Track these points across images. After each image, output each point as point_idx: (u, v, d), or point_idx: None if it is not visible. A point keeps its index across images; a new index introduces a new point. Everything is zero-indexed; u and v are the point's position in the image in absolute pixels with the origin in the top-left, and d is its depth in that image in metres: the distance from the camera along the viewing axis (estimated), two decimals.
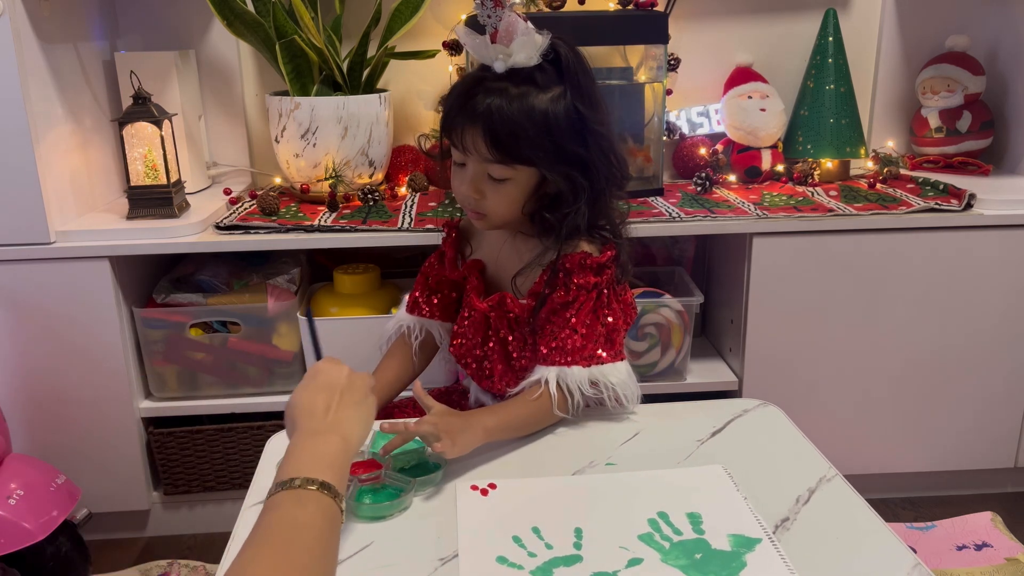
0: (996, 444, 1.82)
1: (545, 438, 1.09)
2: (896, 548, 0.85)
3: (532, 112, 1.05)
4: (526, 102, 1.05)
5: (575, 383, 1.08)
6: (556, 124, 1.06)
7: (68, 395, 1.65)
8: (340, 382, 0.87)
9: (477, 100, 1.06)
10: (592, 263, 1.10)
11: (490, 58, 1.07)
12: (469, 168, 1.11)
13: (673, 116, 2.02)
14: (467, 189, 1.11)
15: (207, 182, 1.95)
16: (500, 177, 1.09)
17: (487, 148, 1.07)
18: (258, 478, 1.02)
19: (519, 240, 1.17)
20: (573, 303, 1.10)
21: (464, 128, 1.08)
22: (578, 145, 1.08)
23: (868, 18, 2.03)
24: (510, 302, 1.15)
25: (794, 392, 1.76)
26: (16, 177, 1.51)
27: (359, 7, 1.90)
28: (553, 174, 1.08)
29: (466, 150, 1.09)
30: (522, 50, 1.06)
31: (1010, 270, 1.71)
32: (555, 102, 1.07)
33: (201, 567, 1.67)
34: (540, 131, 1.06)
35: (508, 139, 1.05)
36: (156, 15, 1.90)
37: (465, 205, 1.15)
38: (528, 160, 1.08)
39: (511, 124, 1.05)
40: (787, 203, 1.74)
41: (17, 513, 1.40)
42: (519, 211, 1.13)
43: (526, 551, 0.85)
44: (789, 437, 1.10)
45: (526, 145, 1.06)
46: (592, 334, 1.11)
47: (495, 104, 1.05)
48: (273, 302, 1.69)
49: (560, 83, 1.08)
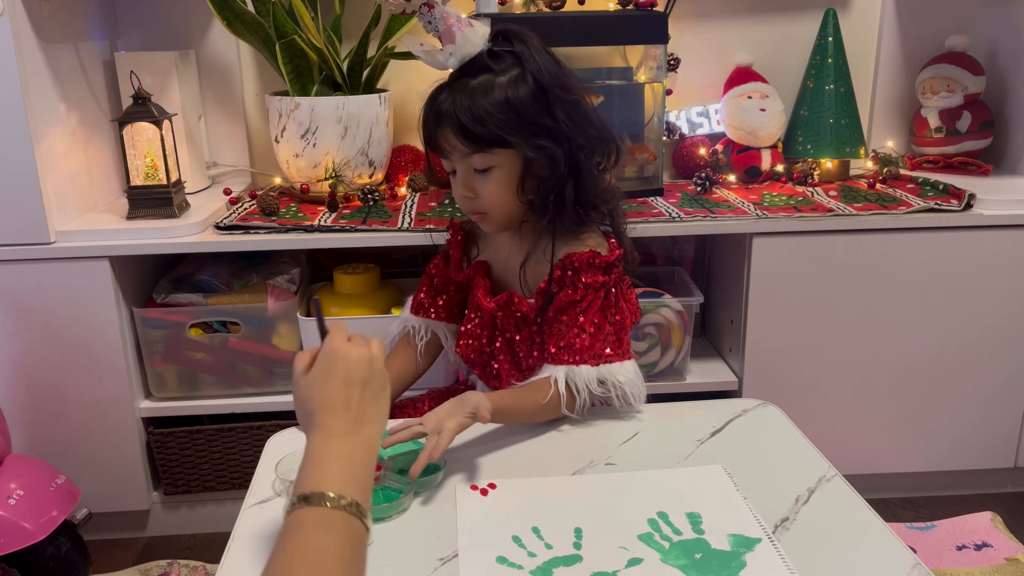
0: (996, 444, 1.82)
1: (545, 438, 1.09)
2: (896, 548, 0.85)
3: (492, 94, 1.08)
4: (485, 88, 1.08)
5: (583, 382, 1.09)
6: (519, 101, 1.08)
7: (68, 395, 1.65)
8: (361, 371, 0.77)
9: (442, 101, 1.10)
10: (600, 262, 1.11)
11: (440, 61, 1.11)
12: (457, 170, 1.14)
13: (673, 116, 2.02)
14: (460, 190, 1.14)
15: (207, 182, 1.95)
16: (482, 167, 1.11)
17: (460, 140, 1.09)
18: (258, 478, 1.02)
19: (524, 233, 1.19)
20: (581, 302, 1.11)
21: (438, 132, 1.11)
22: (547, 118, 1.09)
23: (868, 18, 2.03)
24: (518, 301, 1.15)
25: (794, 392, 1.76)
26: (16, 177, 1.51)
27: (359, 7, 1.90)
28: (529, 149, 1.09)
29: (446, 153, 1.12)
30: (466, 41, 1.08)
31: (1010, 270, 1.71)
32: (514, 82, 1.09)
33: (201, 567, 1.67)
34: (503, 110, 1.08)
35: (475, 126, 1.07)
36: (156, 15, 1.90)
37: (466, 210, 1.17)
38: (501, 141, 1.09)
39: (475, 111, 1.07)
40: (787, 203, 1.74)
41: (17, 513, 1.40)
42: (514, 200, 1.13)
43: (526, 551, 0.85)
44: (789, 437, 1.10)
45: (494, 126, 1.08)
46: (600, 333, 1.11)
47: (457, 98, 1.08)
48: (273, 302, 1.69)
49: (517, 64, 1.09)
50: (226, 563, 0.87)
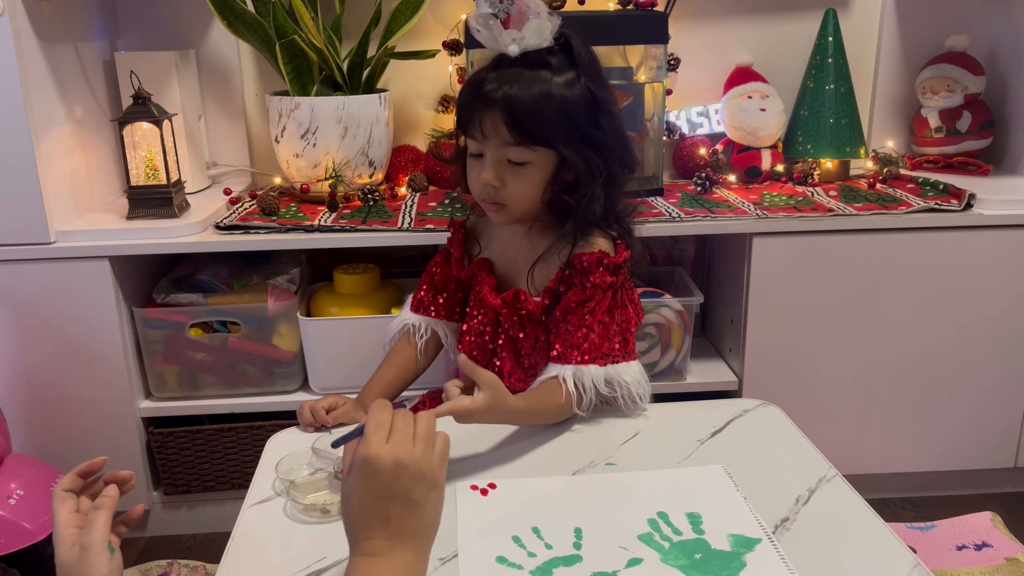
0: (996, 444, 1.82)
1: (545, 438, 1.09)
2: (896, 548, 0.85)
3: (550, 93, 1.06)
4: (543, 84, 1.06)
5: (590, 381, 1.09)
6: (573, 106, 1.07)
7: (68, 395, 1.65)
8: (401, 482, 0.69)
9: (493, 86, 1.06)
10: (609, 263, 1.11)
11: (504, 43, 1.08)
12: (488, 156, 1.10)
13: (673, 116, 2.02)
14: (487, 177, 1.10)
15: (207, 182, 1.95)
16: (520, 160, 1.09)
17: (508, 131, 1.07)
18: (258, 478, 1.02)
19: (535, 232, 1.17)
20: (589, 301, 1.11)
21: (483, 115, 1.08)
22: (594, 127, 1.09)
23: (868, 18, 2.03)
24: (524, 298, 1.15)
25: (794, 392, 1.75)
26: (16, 177, 1.51)
27: (359, 7, 1.90)
28: (572, 155, 1.08)
29: (485, 137, 1.09)
30: (535, 32, 1.06)
31: (1010, 270, 1.71)
32: (570, 85, 1.08)
33: (201, 567, 1.67)
34: (559, 112, 1.07)
35: (528, 120, 1.06)
36: (156, 15, 1.90)
37: (483, 197, 1.14)
38: (548, 141, 1.08)
39: (530, 105, 1.05)
40: (787, 203, 1.74)
41: (17, 513, 1.40)
42: (538, 198, 1.13)
43: (526, 551, 0.85)
44: (789, 437, 1.10)
45: (546, 126, 1.06)
46: (607, 333, 1.11)
47: (513, 87, 1.06)
48: (273, 302, 1.69)
49: (572, 68, 1.09)
50: (226, 563, 0.87)
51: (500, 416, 1.02)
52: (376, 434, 0.71)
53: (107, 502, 0.81)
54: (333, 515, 0.93)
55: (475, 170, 1.13)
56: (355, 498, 0.70)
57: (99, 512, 0.79)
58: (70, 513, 0.82)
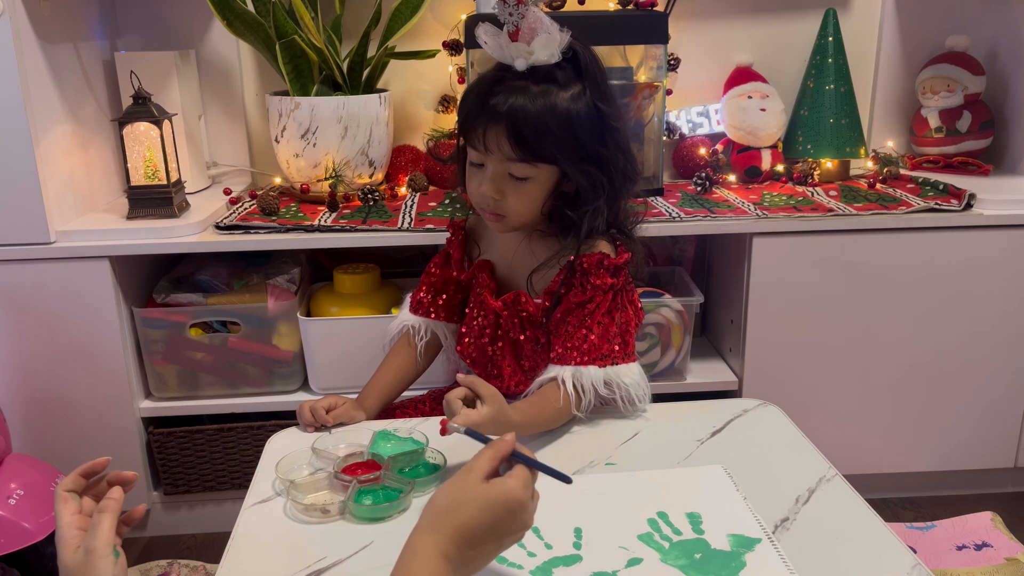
0: (996, 444, 1.82)
1: (545, 438, 1.09)
2: (896, 548, 0.85)
3: (555, 110, 1.05)
4: (548, 100, 1.05)
5: (590, 383, 1.09)
6: (578, 122, 1.07)
7: (68, 395, 1.65)
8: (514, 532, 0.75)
9: (498, 99, 1.05)
10: (610, 264, 1.11)
11: (511, 57, 1.07)
12: (489, 168, 1.10)
13: (673, 116, 2.02)
14: (487, 190, 1.10)
15: (207, 182, 1.95)
16: (521, 176, 1.09)
17: (511, 147, 1.06)
18: (258, 478, 1.02)
19: (535, 239, 1.17)
20: (589, 303, 1.11)
21: (486, 127, 1.07)
22: (598, 143, 1.09)
23: (868, 18, 2.03)
24: (524, 301, 1.15)
25: (794, 392, 1.75)
26: (16, 177, 1.51)
27: (359, 7, 1.90)
28: (575, 172, 1.08)
29: (488, 150, 1.08)
30: (544, 48, 1.06)
31: (1010, 270, 1.71)
32: (576, 100, 1.07)
33: (201, 567, 1.67)
34: (563, 129, 1.06)
35: (532, 137, 1.05)
36: (156, 15, 1.90)
37: (483, 207, 1.13)
38: (551, 158, 1.08)
39: (535, 122, 1.04)
40: (787, 203, 1.74)
41: (17, 513, 1.40)
42: (538, 211, 1.13)
43: (526, 551, 0.85)
44: (789, 437, 1.10)
45: (550, 143, 1.06)
46: (607, 334, 1.11)
47: (518, 103, 1.04)
48: (273, 302, 1.69)
49: (579, 81, 1.08)
50: (226, 563, 0.87)
51: (502, 428, 1.02)
52: (533, 482, 0.77)
53: (112, 504, 0.80)
54: (333, 515, 0.93)
55: (475, 179, 1.12)
56: (476, 513, 0.73)
57: (104, 515, 0.79)
58: (73, 514, 0.81)
